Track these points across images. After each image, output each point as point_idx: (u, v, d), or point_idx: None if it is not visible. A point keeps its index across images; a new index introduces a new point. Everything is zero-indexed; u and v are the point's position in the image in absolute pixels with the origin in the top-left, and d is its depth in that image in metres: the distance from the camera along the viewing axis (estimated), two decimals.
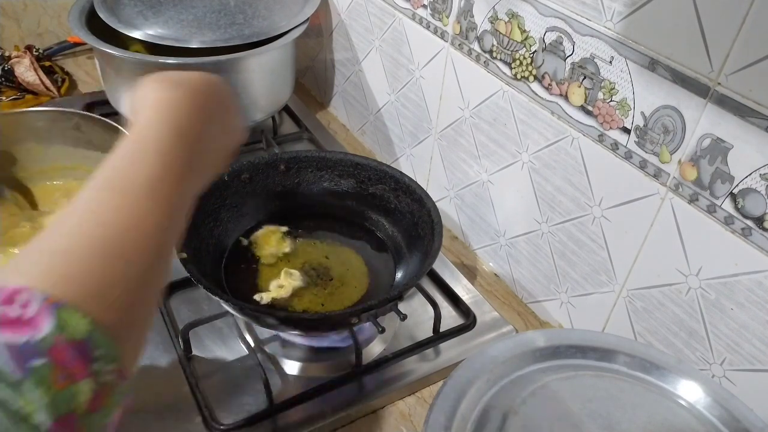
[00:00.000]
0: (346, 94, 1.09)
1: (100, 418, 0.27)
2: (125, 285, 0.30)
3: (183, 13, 0.90)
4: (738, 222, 0.52)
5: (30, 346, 0.24)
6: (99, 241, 0.30)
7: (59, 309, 0.25)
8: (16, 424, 0.23)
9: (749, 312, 0.53)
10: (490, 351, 0.53)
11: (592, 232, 0.66)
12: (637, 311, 0.64)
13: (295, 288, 0.69)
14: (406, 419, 0.64)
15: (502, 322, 0.74)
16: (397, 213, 0.78)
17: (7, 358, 0.23)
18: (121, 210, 0.32)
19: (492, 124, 0.76)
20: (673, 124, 0.55)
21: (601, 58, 0.59)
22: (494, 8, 0.70)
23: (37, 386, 0.23)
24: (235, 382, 0.64)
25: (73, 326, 0.25)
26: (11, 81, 1.07)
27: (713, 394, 0.51)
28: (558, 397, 0.50)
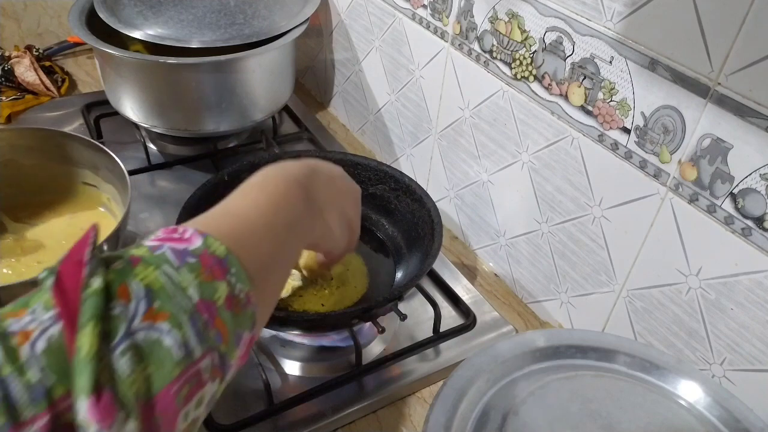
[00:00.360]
0: (346, 94, 1.09)
1: (235, 321, 0.34)
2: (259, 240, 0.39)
3: (183, 13, 0.90)
4: (738, 222, 0.52)
5: (186, 251, 0.34)
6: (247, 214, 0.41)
7: (206, 236, 0.35)
8: (178, 290, 0.32)
9: (749, 312, 0.53)
10: (490, 351, 0.53)
11: (592, 232, 0.66)
12: (637, 311, 0.64)
13: (294, 288, 0.69)
14: (406, 419, 0.64)
15: (502, 322, 0.74)
16: (397, 213, 0.78)
17: (172, 255, 0.33)
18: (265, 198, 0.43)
19: (492, 124, 0.76)
20: (673, 124, 0.55)
21: (601, 58, 0.59)
22: (494, 8, 0.70)
23: (190, 272, 0.33)
24: (235, 382, 0.64)
25: (215, 247, 0.35)
26: (11, 81, 1.07)
27: (713, 394, 0.51)
28: (558, 397, 0.50)
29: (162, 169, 0.94)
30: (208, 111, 0.91)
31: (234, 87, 0.90)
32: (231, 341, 0.34)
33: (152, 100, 0.90)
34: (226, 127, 0.94)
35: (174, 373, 0.30)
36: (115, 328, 0.28)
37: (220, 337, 0.33)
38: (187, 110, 0.91)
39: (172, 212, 0.67)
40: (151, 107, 0.90)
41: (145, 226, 0.83)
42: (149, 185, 0.92)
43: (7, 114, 1.01)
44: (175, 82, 0.88)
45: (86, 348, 0.27)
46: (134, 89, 0.90)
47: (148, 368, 0.29)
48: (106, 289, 0.29)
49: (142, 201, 0.88)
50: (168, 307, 0.31)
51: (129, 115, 0.93)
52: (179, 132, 0.93)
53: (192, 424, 0.32)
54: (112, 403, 0.27)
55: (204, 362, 0.32)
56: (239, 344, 0.35)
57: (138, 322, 0.29)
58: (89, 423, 0.26)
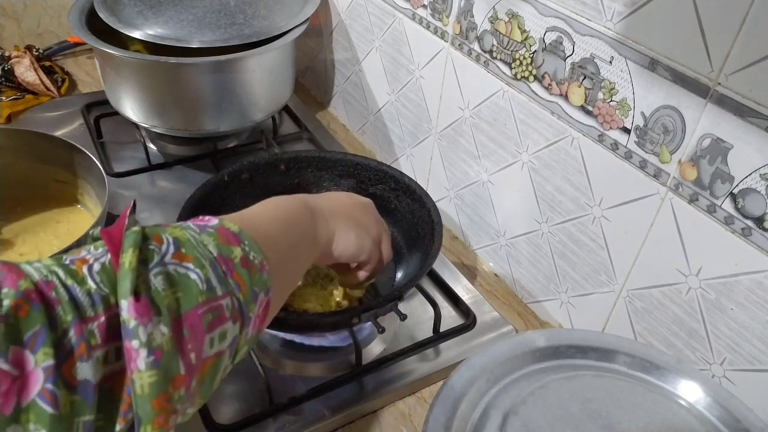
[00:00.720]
0: (346, 94, 1.09)
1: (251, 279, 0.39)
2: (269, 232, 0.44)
3: (183, 13, 0.90)
4: (738, 222, 0.52)
5: (205, 225, 0.40)
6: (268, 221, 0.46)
7: (221, 219, 0.41)
8: (200, 244, 0.37)
9: (749, 312, 0.53)
10: (490, 351, 0.53)
11: (592, 232, 0.66)
12: (637, 311, 0.64)
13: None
14: (406, 419, 0.64)
15: (502, 322, 0.74)
16: (397, 213, 0.78)
17: (194, 225, 0.39)
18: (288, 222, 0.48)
19: (492, 124, 0.76)
20: (673, 124, 0.55)
21: (601, 58, 0.59)
22: (494, 8, 0.70)
23: (209, 236, 0.38)
24: (235, 382, 0.64)
25: (230, 226, 0.40)
26: (11, 81, 1.07)
27: (713, 394, 0.51)
28: (558, 397, 0.50)
29: (162, 169, 0.94)
30: (208, 111, 0.91)
31: (234, 87, 0.90)
32: (248, 294, 0.39)
33: (152, 100, 0.90)
34: (226, 127, 0.94)
35: (199, 299, 0.35)
36: (151, 257, 0.34)
37: (238, 286, 0.38)
38: (187, 110, 0.91)
39: (172, 212, 0.67)
40: (151, 107, 0.90)
41: None
42: (149, 185, 0.92)
43: (7, 114, 1.01)
44: (175, 82, 0.88)
45: (127, 263, 0.33)
46: (134, 89, 0.90)
47: (177, 291, 0.34)
48: (143, 233, 0.35)
49: (142, 201, 0.88)
50: (192, 252, 0.36)
51: (129, 115, 0.93)
52: (179, 132, 0.93)
53: (217, 357, 0.36)
54: (148, 305, 0.32)
55: (225, 300, 0.37)
56: (256, 301, 0.40)
57: (169, 258, 0.35)
58: (130, 319, 0.32)
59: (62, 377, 0.30)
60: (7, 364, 0.28)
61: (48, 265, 0.32)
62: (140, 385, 0.32)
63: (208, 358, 0.36)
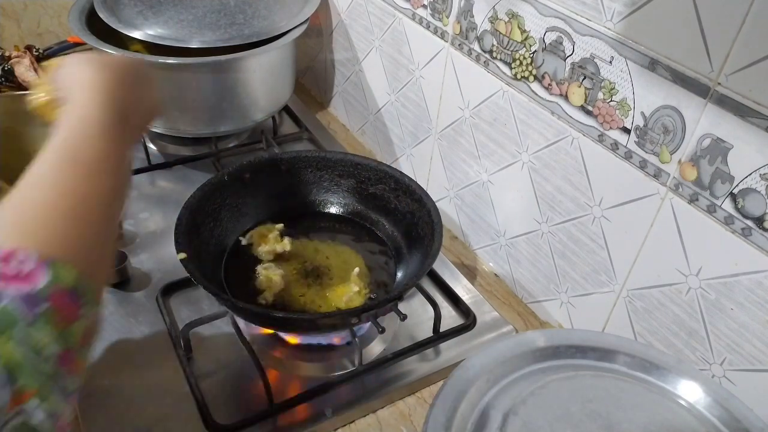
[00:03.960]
0: (346, 94, 1.09)
1: (88, 348, 0.33)
2: (94, 240, 0.36)
3: (183, 13, 0.90)
4: (738, 222, 0.52)
5: (35, 296, 0.30)
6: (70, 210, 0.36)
7: (52, 264, 0.31)
8: (37, 357, 0.29)
9: (749, 312, 0.53)
10: (490, 351, 0.53)
11: (592, 232, 0.66)
12: (637, 311, 0.64)
13: (283, 275, 0.69)
14: (406, 419, 0.64)
15: (502, 322, 0.74)
16: (397, 213, 0.78)
17: (21, 306, 0.29)
18: (81, 181, 0.38)
19: (492, 124, 0.76)
20: (673, 124, 0.55)
21: (601, 58, 0.59)
22: (494, 8, 0.70)
23: (45, 324, 0.30)
24: (235, 382, 0.64)
25: (63, 277, 0.31)
26: (11, 81, 1.07)
27: (713, 394, 0.51)
28: (558, 397, 0.50)
29: (162, 169, 0.94)
30: (208, 111, 0.91)
31: (234, 87, 0.90)
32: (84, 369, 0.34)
33: None
34: (226, 127, 0.94)
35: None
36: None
37: (78, 378, 0.33)
38: (187, 110, 0.91)
39: (172, 212, 0.67)
40: None
41: (145, 226, 0.83)
42: (149, 185, 0.92)
43: None
44: (175, 82, 0.88)
45: None
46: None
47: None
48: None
49: (142, 201, 0.88)
50: (32, 383, 0.29)
51: None
52: (179, 132, 0.94)
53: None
54: None
55: (68, 410, 0.31)
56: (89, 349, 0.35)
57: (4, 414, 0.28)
58: None
59: None
60: None
61: None
62: None
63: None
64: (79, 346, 0.32)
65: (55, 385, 0.30)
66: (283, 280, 0.69)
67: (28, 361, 0.29)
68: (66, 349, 0.31)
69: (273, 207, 0.79)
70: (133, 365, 0.65)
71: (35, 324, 0.29)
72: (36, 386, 0.29)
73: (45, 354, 0.30)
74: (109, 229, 0.39)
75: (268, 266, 0.71)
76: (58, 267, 0.31)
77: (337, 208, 0.81)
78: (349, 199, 0.80)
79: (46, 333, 0.30)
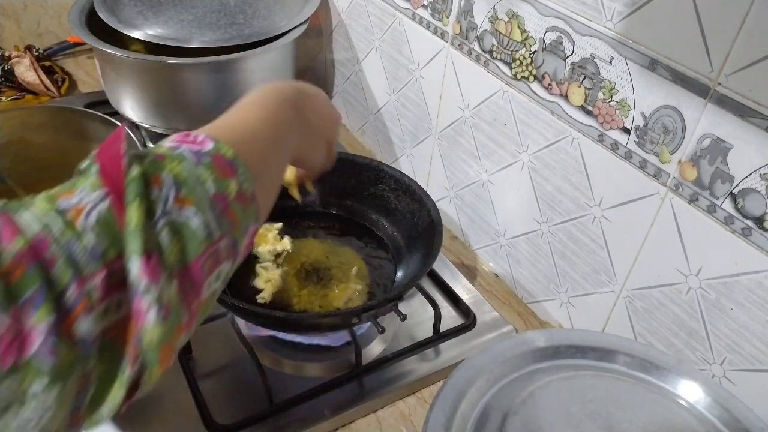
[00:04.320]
0: (346, 94, 1.09)
1: (244, 213, 0.39)
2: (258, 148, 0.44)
3: (183, 13, 0.90)
4: (738, 222, 0.52)
5: (201, 152, 0.38)
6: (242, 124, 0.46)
7: (216, 141, 0.40)
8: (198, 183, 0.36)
9: (749, 312, 0.53)
10: (490, 351, 0.53)
11: (592, 232, 0.66)
12: (637, 311, 0.64)
13: (282, 275, 0.69)
14: (406, 419, 0.64)
15: (502, 322, 0.74)
16: (397, 213, 0.78)
17: (190, 154, 0.38)
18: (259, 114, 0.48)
19: (492, 124, 0.76)
20: (673, 124, 0.55)
21: (601, 58, 0.59)
22: (494, 8, 0.70)
23: (206, 169, 0.37)
24: (235, 382, 0.64)
25: (225, 150, 0.39)
26: (11, 81, 1.07)
27: (713, 394, 0.51)
28: (558, 397, 0.50)
29: None
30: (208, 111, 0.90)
31: (234, 87, 0.90)
32: (241, 229, 0.40)
33: (152, 100, 0.90)
34: None
35: (201, 248, 0.36)
36: (154, 207, 0.34)
37: (232, 225, 0.38)
38: (187, 110, 0.91)
39: None
40: (151, 107, 0.90)
41: None
42: None
43: None
44: (175, 82, 0.88)
45: (135, 220, 0.33)
46: (134, 89, 0.90)
47: (181, 242, 0.35)
48: (143, 176, 0.34)
49: None
50: (192, 195, 0.36)
51: (129, 115, 0.93)
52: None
53: (212, 295, 0.38)
54: (158, 264, 0.33)
55: (221, 243, 0.37)
56: (246, 233, 0.41)
57: (171, 203, 0.35)
58: (141, 279, 0.32)
59: (62, 333, 0.30)
60: (7, 321, 0.28)
61: (42, 215, 0.32)
62: (149, 339, 0.33)
63: (205, 299, 0.37)
64: (234, 200, 0.38)
65: (211, 210, 0.37)
66: (282, 279, 0.69)
67: (190, 181, 0.36)
68: (220, 192, 0.37)
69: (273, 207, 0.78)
70: None
71: (199, 166, 0.37)
72: (194, 198, 0.36)
73: (204, 186, 0.37)
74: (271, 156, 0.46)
75: (268, 266, 0.71)
76: (220, 143, 0.40)
77: (337, 208, 0.81)
78: (349, 199, 0.80)
79: (206, 174, 0.37)
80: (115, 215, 0.33)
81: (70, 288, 0.30)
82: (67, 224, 0.31)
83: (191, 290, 0.35)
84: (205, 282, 0.36)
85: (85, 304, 0.31)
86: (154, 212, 0.34)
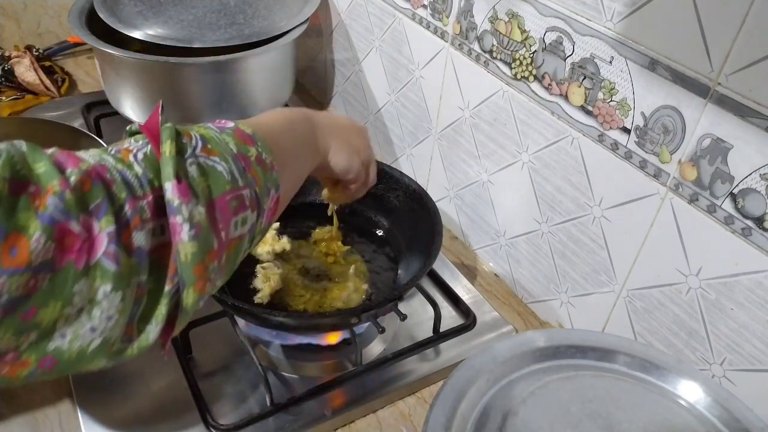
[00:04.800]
0: (346, 94, 1.09)
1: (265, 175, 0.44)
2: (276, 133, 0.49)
3: (183, 13, 0.90)
4: (738, 222, 0.52)
5: (223, 126, 0.44)
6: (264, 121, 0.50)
7: (237, 122, 0.45)
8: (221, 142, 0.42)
9: (749, 312, 0.53)
10: (490, 351, 0.53)
11: (592, 232, 0.66)
12: (637, 311, 0.64)
13: (281, 275, 0.69)
14: (406, 419, 0.64)
15: (502, 322, 0.74)
16: (397, 213, 0.78)
17: (215, 128, 0.43)
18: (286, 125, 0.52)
19: (492, 124, 0.76)
20: (673, 124, 0.55)
21: (601, 58, 0.59)
22: (494, 8, 0.70)
23: (228, 136, 0.43)
24: (235, 382, 0.65)
25: (244, 128, 0.45)
26: (11, 81, 1.07)
27: (713, 394, 0.51)
28: (558, 397, 0.50)
29: None
30: (208, 111, 0.91)
31: (234, 87, 0.90)
32: (263, 188, 0.44)
33: (152, 100, 0.90)
34: None
35: (226, 187, 0.40)
36: (185, 149, 0.39)
37: (254, 180, 0.43)
38: (187, 110, 0.91)
39: None
40: (151, 107, 0.90)
41: None
42: None
43: (7, 114, 1.01)
44: (175, 82, 0.88)
45: (167, 152, 0.38)
46: (134, 89, 0.90)
47: (208, 179, 0.39)
48: (175, 129, 0.40)
49: None
50: (217, 148, 0.41)
51: (129, 114, 0.93)
52: None
53: (239, 240, 0.42)
54: (187, 188, 0.38)
55: (245, 191, 0.41)
56: (269, 195, 0.45)
57: (199, 150, 0.40)
58: (174, 198, 0.37)
59: (122, 242, 0.35)
60: (79, 226, 0.33)
61: (98, 154, 0.37)
62: (184, 254, 0.37)
63: (233, 239, 0.41)
64: (254, 161, 0.43)
65: (234, 162, 0.41)
66: (281, 279, 0.69)
67: (215, 139, 0.42)
68: (242, 153, 0.42)
69: None
70: (133, 365, 0.65)
71: (222, 133, 0.43)
72: (219, 150, 0.41)
73: (228, 145, 0.42)
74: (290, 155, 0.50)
75: (267, 266, 0.71)
76: (241, 124, 0.45)
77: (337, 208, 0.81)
78: None
79: (229, 138, 0.43)
80: (155, 153, 0.39)
81: (126, 204, 0.36)
82: (118, 159, 0.37)
83: (220, 220, 0.40)
84: (232, 219, 0.40)
85: (138, 220, 0.36)
86: (185, 152, 0.39)
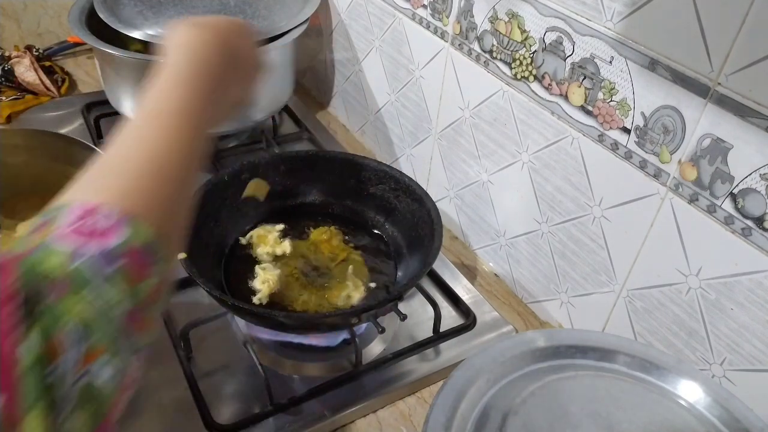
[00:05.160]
0: (346, 94, 1.09)
1: (158, 306, 0.34)
2: (171, 197, 0.37)
3: (183, 13, 0.90)
4: (738, 222, 0.52)
5: (111, 253, 0.31)
6: (148, 163, 0.37)
7: (132, 222, 0.32)
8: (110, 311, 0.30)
9: (749, 312, 0.53)
10: (490, 351, 0.53)
11: (592, 232, 0.66)
12: (637, 311, 0.64)
13: (280, 275, 0.69)
14: (406, 419, 0.64)
15: (502, 322, 0.74)
16: (397, 213, 0.78)
17: (98, 262, 0.30)
18: (163, 132, 0.39)
19: (492, 124, 0.76)
20: (673, 124, 0.55)
21: (601, 58, 0.59)
22: (494, 8, 0.70)
23: (122, 280, 0.31)
24: (235, 382, 0.64)
25: (143, 234, 0.32)
26: (11, 81, 1.07)
27: (713, 394, 0.51)
28: (558, 397, 0.50)
29: None
30: None
31: None
32: (153, 327, 0.35)
33: None
34: (226, 127, 0.94)
35: (113, 396, 0.31)
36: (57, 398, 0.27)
37: (147, 335, 0.34)
38: None
39: None
40: None
41: None
42: None
43: (7, 114, 1.01)
44: None
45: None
46: (134, 89, 0.90)
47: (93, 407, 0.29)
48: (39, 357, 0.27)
49: None
50: (104, 338, 0.30)
51: (129, 114, 0.93)
52: None
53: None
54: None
55: (134, 367, 0.33)
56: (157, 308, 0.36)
57: (77, 369, 0.28)
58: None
59: None
60: None
61: None
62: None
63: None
64: (148, 302, 0.33)
65: (125, 342, 0.31)
66: (280, 280, 0.69)
67: (99, 318, 0.29)
68: (135, 306, 0.32)
69: (272, 207, 0.79)
70: None
71: (109, 281, 0.30)
72: (106, 342, 0.30)
73: (116, 311, 0.30)
74: (187, 186, 0.39)
75: (267, 266, 0.71)
76: (136, 224, 0.32)
77: (337, 208, 0.81)
78: (349, 199, 0.80)
79: (118, 290, 0.31)
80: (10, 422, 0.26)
81: None
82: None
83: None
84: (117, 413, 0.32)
85: None
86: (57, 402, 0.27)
